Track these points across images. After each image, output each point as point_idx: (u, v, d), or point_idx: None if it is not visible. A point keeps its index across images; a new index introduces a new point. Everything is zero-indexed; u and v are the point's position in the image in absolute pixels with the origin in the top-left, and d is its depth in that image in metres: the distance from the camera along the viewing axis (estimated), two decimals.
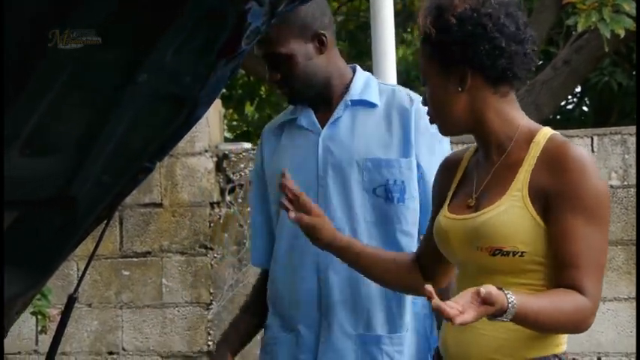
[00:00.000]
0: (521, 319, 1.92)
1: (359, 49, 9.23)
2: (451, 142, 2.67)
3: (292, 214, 2.36)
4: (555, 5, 7.35)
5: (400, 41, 10.35)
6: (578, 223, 1.97)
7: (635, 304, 4.99)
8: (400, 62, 10.50)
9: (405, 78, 10.63)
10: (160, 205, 5.63)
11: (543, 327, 1.99)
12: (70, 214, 2.26)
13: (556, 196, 1.98)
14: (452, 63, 2.06)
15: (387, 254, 2.44)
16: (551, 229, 1.99)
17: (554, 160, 2.00)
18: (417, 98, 2.64)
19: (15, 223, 2.11)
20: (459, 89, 2.07)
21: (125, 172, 2.25)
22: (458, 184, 2.18)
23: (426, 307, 2.63)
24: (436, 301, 1.81)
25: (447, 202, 2.17)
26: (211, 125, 5.69)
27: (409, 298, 2.62)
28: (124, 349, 5.65)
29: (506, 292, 1.89)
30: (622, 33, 5.54)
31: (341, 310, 2.59)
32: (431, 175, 2.46)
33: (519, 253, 2.00)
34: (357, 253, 2.39)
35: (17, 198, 2.04)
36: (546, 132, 2.08)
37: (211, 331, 5.55)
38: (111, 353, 5.67)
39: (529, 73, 2.13)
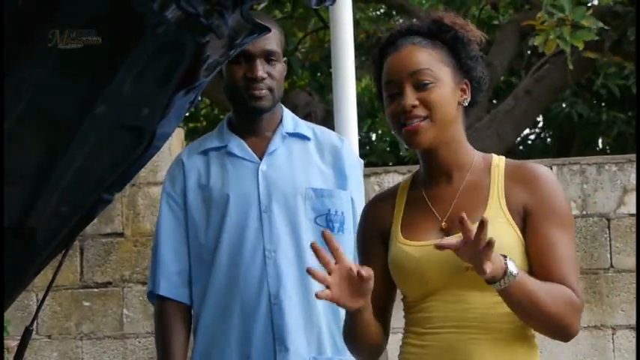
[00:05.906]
0: (519, 287, 1.96)
1: (320, 82, 9.23)
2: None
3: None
4: (516, 36, 7.42)
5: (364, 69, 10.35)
6: (557, 233, 2.06)
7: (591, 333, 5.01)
8: (364, 92, 10.51)
9: (370, 108, 10.64)
10: (121, 234, 5.59)
11: (538, 304, 1.99)
12: (28, 245, 2.24)
13: (535, 210, 2.07)
14: (463, 75, 2.14)
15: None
16: (533, 241, 2.06)
17: (525, 178, 2.09)
18: (345, 138, 2.79)
19: None
20: (462, 101, 2.13)
21: (83, 203, 2.23)
22: (404, 216, 2.15)
23: None
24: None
25: (398, 234, 2.13)
26: (173, 154, 5.67)
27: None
28: None
29: (508, 258, 1.96)
30: (581, 46, 5.59)
31: (295, 334, 2.59)
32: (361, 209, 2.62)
33: None
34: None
35: None
36: (498, 157, 2.17)
37: None
38: None
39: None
